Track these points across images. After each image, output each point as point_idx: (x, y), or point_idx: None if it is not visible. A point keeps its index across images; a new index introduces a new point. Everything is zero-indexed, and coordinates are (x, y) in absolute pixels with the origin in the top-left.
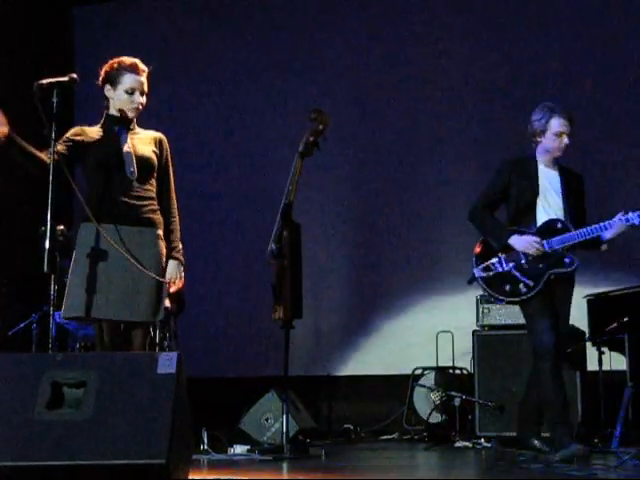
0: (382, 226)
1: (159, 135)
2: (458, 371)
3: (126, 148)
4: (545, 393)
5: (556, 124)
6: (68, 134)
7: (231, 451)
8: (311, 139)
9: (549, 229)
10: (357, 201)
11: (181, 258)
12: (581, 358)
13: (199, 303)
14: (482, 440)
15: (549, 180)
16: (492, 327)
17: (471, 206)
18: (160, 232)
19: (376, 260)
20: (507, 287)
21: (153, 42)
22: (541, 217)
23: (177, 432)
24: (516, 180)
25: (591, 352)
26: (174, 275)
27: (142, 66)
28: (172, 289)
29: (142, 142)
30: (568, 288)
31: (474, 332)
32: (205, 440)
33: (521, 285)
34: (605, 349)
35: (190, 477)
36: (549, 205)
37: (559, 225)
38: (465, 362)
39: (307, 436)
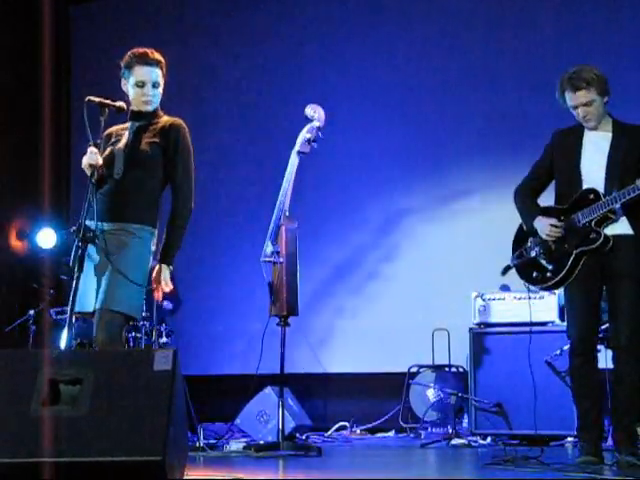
0: (379, 223)
1: (170, 122)
2: (454, 369)
3: (120, 146)
4: (572, 392)
5: (568, 98)
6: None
7: (227, 448)
8: (307, 137)
9: (582, 202)
10: (354, 199)
11: (165, 263)
12: None
13: (195, 301)
14: (478, 438)
15: (596, 145)
16: (488, 325)
17: (517, 185)
18: (147, 228)
19: (372, 258)
20: (534, 274)
21: (150, 40)
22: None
23: (173, 429)
24: (558, 153)
25: None
26: (156, 279)
27: (155, 56)
28: (157, 294)
29: (147, 135)
30: (618, 264)
31: (470, 330)
32: (201, 437)
33: (547, 271)
34: (602, 347)
35: (186, 474)
36: (591, 173)
37: (592, 196)
38: (461, 360)
39: (303, 433)
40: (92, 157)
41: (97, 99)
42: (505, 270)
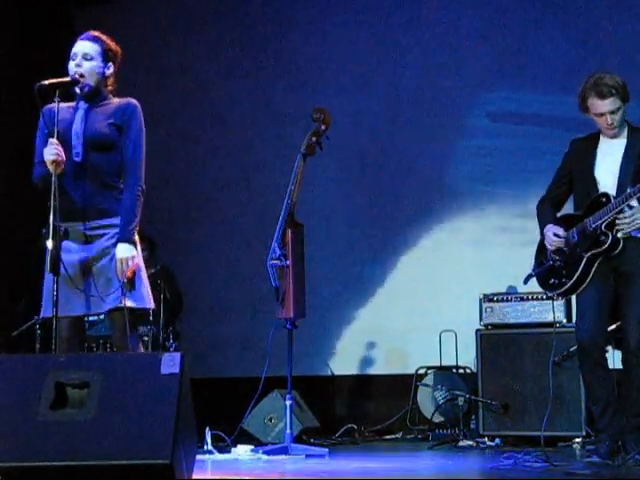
0: (385, 224)
1: (125, 102)
2: (462, 370)
3: (75, 127)
4: (587, 394)
5: (593, 106)
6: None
7: (234, 451)
8: (313, 139)
9: (594, 206)
10: (360, 200)
11: (126, 240)
12: None
13: (202, 303)
14: (486, 439)
15: (611, 151)
16: (495, 326)
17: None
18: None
19: (379, 259)
20: (552, 280)
21: (152, 43)
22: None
23: (181, 432)
24: (575, 161)
25: None
26: (117, 260)
27: (92, 33)
28: (120, 276)
29: (101, 115)
30: (629, 266)
31: (477, 331)
32: (208, 440)
33: (563, 277)
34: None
35: (194, 477)
36: (605, 180)
37: (604, 199)
38: (468, 361)
39: (311, 436)
40: (54, 150)
41: (48, 81)
42: (527, 279)
